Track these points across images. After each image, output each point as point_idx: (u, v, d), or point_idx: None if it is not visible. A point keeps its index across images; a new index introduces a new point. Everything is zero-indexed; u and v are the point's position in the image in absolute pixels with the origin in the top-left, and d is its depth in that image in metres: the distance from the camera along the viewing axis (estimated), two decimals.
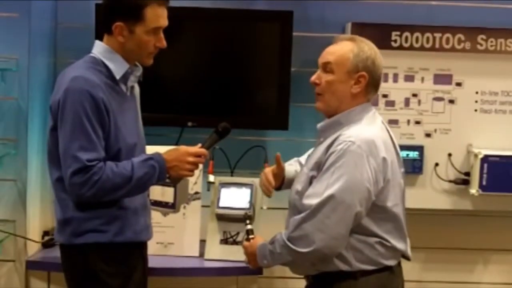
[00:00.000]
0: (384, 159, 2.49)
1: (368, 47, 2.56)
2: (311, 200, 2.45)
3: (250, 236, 2.77)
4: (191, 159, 2.69)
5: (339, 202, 2.42)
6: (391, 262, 2.56)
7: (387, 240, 2.53)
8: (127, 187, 2.59)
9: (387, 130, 2.62)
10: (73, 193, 2.58)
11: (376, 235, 2.51)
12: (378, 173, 2.47)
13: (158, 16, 2.63)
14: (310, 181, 2.52)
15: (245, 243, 2.76)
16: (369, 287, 2.53)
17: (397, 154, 2.61)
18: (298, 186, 2.58)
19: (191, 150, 2.70)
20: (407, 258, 2.65)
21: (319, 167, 2.50)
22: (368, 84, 2.55)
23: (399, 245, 2.57)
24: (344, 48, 2.55)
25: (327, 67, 2.56)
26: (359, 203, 2.44)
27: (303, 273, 2.68)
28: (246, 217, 3.05)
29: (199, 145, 2.75)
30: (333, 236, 2.44)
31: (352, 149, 2.44)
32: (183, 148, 2.71)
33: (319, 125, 2.64)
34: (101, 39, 2.70)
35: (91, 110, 2.54)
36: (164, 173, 2.66)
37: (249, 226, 2.84)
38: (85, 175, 2.53)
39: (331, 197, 2.42)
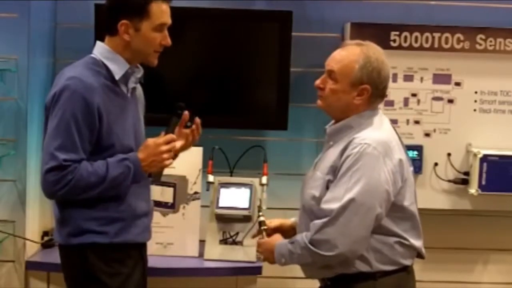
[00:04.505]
0: (400, 160, 2.50)
1: (375, 57, 2.53)
2: (331, 205, 2.45)
3: (263, 227, 2.76)
4: (164, 148, 2.66)
5: (360, 205, 2.42)
6: (409, 262, 2.58)
7: (405, 239, 2.54)
8: (100, 187, 2.57)
9: (395, 130, 2.63)
10: (46, 190, 2.58)
11: (395, 235, 2.52)
12: (395, 174, 2.48)
13: (163, 12, 2.62)
14: (327, 186, 2.52)
15: (260, 240, 2.74)
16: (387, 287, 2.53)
17: (406, 153, 2.62)
18: (314, 191, 2.56)
19: (160, 140, 2.67)
20: (421, 256, 2.65)
21: (334, 171, 2.50)
22: (371, 96, 2.54)
23: (417, 243, 2.58)
24: (350, 57, 2.52)
25: (331, 75, 2.55)
26: (379, 205, 2.44)
27: (319, 277, 2.66)
28: (258, 209, 3.01)
29: (163, 133, 2.72)
30: (355, 240, 2.44)
31: (368, 151, 2.44)
32: (151, 141, 2.67)
33: (328, 129, 2.64)
34: (101, 39, 2.69)
35: (81, 112, 2.52)
36: (141, 174, 2.63)
37: (261, 218, 2.82)
38: (59, 173, 2.52)
39: (351, 201, 2.42)
